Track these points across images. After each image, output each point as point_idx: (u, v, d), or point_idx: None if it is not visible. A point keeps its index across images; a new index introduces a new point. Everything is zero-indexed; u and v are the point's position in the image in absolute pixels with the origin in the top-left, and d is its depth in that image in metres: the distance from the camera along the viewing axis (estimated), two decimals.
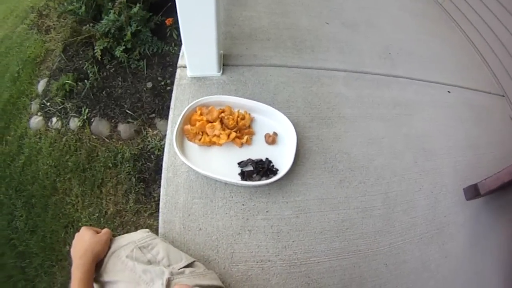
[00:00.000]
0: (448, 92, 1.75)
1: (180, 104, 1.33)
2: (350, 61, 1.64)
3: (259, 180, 1.15)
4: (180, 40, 1.25)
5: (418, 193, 1.38)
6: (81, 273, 0.82)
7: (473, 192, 1.41)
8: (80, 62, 2.32)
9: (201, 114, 1.24)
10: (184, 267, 0.92)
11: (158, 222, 1.16)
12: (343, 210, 1.24)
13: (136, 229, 1.90)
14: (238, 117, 1.24)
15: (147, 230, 1.03)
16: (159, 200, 1.90)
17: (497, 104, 1.85)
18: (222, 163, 1.20)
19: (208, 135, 1.21)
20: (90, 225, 2.01)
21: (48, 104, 2.35)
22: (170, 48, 2.17)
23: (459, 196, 1.44)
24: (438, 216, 1.36)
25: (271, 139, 1.24)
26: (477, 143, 1.62)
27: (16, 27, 3.34)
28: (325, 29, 1.76)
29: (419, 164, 1.45)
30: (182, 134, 1.22)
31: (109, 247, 0.92)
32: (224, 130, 1.21)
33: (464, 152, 1.56)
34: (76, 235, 0.93)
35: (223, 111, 1.25)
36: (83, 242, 0.89)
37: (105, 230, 0.94)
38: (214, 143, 1.22)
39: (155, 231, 1.34)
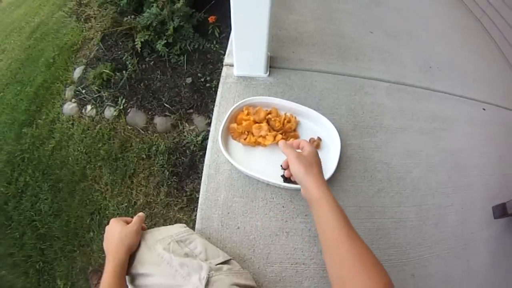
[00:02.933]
0: (483, 109, 1.73)
1: (225, 102, 1.34)
2: (392, 72, 1.64)
3: None
4: (222, 38, 1.26)
5: (450, 208, 1.37)
6: (113, 267, 0.82)
7: (501, 210, 1.40)
8: (119, 52, 2.35)
9: (248, 114, 1.24)
10: (221, 263, 0.92)
11: (188, 217, 1.16)
12: (379, 219, 1.24)
13: (164, 222, 1.93)
14: (284, 119, 1.25)
15: (184, 225, 1.03)
16: (191, 195, 1.95)
17: None
18: (265, 164, 1.21)
19: (254, 135, 1.22)
20: (117, 214, 2.03)
21: (84, 91, 2.38)
22: (212, 45, 2.18)
23: (487, 214, 1.43)
24: (465, 232, 1.35)
25: (316, 143, 1.25)
26: (507, 162, 1.60)
27: (53, 14, 3.39)
28: (369, 38, 1.76)
29: (453, 179, 1.44)
30: (227, 132, 1.23)
31: (144, 238, 0.91)
32: (270, 131, 1.22)
33: (495, 170, 1.54)
34: (106, 228, 0.93)
35: (270, 113, 1.26)
36: (113, 235, 0.88)
37: (135, 219, 0.94)
38: (259, 144, 1.22)
39: (187, 225, 1.35)
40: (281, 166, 1.19)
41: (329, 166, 1.20)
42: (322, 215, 0.78)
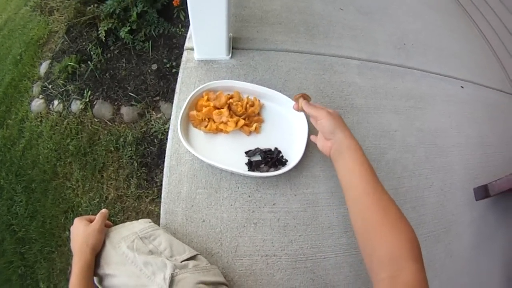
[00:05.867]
0: (461, 87, 1.68)
1: (186, 88, 1.26)
2: (364, 49, 1.56)
3: (267, 171, 1.09)
4: (188, 22, 1.19)
5: (429, 189, 1.32)
6: (79, 268, 0.79)
7: (482, 192, 1.37)
8: (84, 43, 2.27)
9: (208, 100, 1.17)
10: (187, 259, 0.89)
11: (159, 208, 1.11)
12: None
13: (137, 215, 1.88)
14: (247, 103, 1.17)
15: (149, 220, 1.00)
16: (161, 186, 1.88)
17: (509, 103, 1.78)
18: (228, 152, 1.14)
19: (215, 122, 1.14)
20: (90, 210, 1.99)
21: (50, 86, 2.31)
22: (177, 29, 2.10)
23: (468, 195, 1.39)
24: (446, 215, 1.31)
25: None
26: (488, 141, 1.56)
27: (19, 9, 3.29)
28: (339, 15, 1.68)
29: (431, 160, 1.39)
30: (187, 120, 1.16)
31: (108, 236, 0.88)
32: (232, 117, 1.14)
33: (475, 150, 1.51)
34: (71, 228, 0.90)
35: (231, 97, 1.18)
36: (77, 235, 0.86)
37: (98, 217, 0.91)
38: (221, 131, 1.15)
39: (157, 217, 1.29)
40: (245, 153, 1.14)
41: (297, 150, 1.14)
42: (352, 163, 0.85)
